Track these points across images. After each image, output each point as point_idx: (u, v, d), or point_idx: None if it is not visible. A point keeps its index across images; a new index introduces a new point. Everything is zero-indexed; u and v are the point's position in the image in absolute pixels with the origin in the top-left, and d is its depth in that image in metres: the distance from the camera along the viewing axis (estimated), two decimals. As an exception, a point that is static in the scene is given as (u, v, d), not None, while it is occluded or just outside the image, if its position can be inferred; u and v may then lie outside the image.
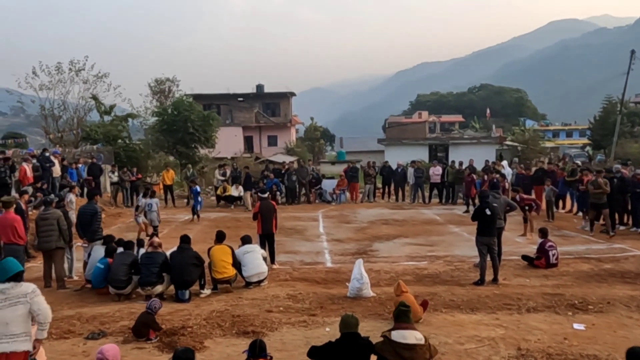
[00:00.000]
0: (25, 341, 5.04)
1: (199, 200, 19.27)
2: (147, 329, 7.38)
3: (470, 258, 12.22)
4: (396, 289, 8.28)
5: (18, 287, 5.05)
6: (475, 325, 7.77)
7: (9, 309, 4.97)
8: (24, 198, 12.99)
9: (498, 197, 11.62)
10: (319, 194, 24.12)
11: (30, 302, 5.04)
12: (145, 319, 7.47)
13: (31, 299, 5.06)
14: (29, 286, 5.13)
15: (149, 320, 7.46)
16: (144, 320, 7.46)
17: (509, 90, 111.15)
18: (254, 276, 10.17)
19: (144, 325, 7.41)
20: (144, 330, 7.38)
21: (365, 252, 13.62)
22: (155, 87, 41.59)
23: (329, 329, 7.70)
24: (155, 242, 10.23)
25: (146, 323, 7.43)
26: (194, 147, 30.50)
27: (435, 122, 73.72)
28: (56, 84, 29.60)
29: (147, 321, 7.44)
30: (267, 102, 54.65)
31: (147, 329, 7.38)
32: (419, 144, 40.10)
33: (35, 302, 5.07)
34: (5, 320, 4.94)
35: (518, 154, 38.37)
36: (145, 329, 7.38)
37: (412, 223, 18.04)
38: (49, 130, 30.10)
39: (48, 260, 10.67)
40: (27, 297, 5.05)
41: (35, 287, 5.19)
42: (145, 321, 7.45)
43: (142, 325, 7.41)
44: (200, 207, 19.38)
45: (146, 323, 7.43)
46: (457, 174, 22.03)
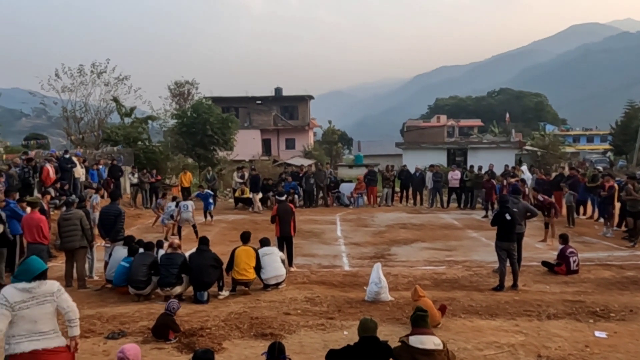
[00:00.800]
0: (55, 338, 5.10)
1: (210, 201, 19.29)
2: (167, 330, 7.43)
3: (489, 263, 12.13)
4: (413, 293, 8.24)
5: (43, 286, 5.10)
6: (494, 331, 7.70)
7: (37, 307, 5.01)
8: (46, 198, 13.18)
9: (518, 202, 11.51)
10: (337, 198, 24.12)
11: (57, 300, 5.11)
12: (165, 320, 7.52)
13: (58, 297, 5.12)
14: (53, 284, 5.19)
15: (168, 321, 7.52)
16: (163, 322, 7.52)
17: (528, 95, 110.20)
18: (272, 279, 10.20)
19: (164, 326, 7.47)
20: (164, 331, 7.43)
21: (383, 256, 13.58)
22: (174, 89, 42.05)
23: (346, 333, 7.69)
24: (174, 243, 10.31)
25: (165, 324, 7.48)
26: (212, 149, 30.72)
27: (453, 126, 73.38)
28: (78, 86, 30.13)
29: (166, 322, 7.50)
30: (285, 105, 54.80)
31: (167, 329, 7.43)
32: (437, 148, 39.87)
33: (62, 300, 5.14)
34: (34, 318, 4.99)
35: (538, 159, 38.00)
36: (164, 329, 7.43)
37: (430, 227, 17.95)
38: (70, 132, 30.54)
39: (70, 260, 10.81)
40: (54, 295, 5.11)
41: (59, 285, 5.26)
42: (165, 322, 7.51)
43: (162, 326, 7.47)
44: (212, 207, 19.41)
45: (165, 324, 7.48)
46: (476, 178, 21.89)
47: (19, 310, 4.97)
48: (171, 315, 7.57)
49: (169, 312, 7.58)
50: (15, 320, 4.98)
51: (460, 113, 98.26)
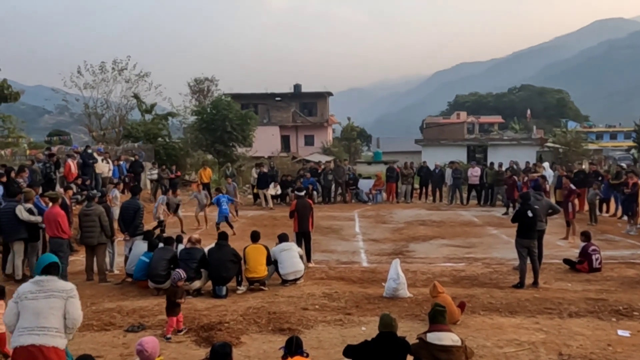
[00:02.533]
0: (56, 337, 4.88)
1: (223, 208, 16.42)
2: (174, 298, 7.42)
3: (509, 261, 11.99)
4: (432, 290, 8.18)
5: (54, 282, 5.02)
6: (514, 329, 7.61)
7: (44, 300, 4.89)
8: (69, 193, 13.33)
9: (540, 198, 11.37)
10: (355, 194, 24.07)
11: (66, 300, 4.95)
12: (172, 290, 7.60)
13: (67, 297, 4.97)
14: (68, 284, 5.12)
15: (175, 291, 7.57)
16: (170, 291, 7.61)
17: (550, 91, 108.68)
18: (291, 274, 10.21)
19: (172, 294, 7.49)
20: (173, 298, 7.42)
21: (401, 253, 13.52)
22: (194, 86, 42.30)
23: (364, 328, 7.67)
24: (193, 238, 10.38)
25: (173, 293, 7.52)
26: (231, 145, 30.84)
27: (474, 123, 72.72)
28: (100, 83, 30.49)
29: (173, 292, 7.55)
30: (304, 102, 54.78)
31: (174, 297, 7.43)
32: (457, 144, 39.56)
33: (70, 303, 4.97)
34: (38, 310, 4.86)
35: (559, 156, 37.47)
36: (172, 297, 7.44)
37: (449, 224, 17.82)
38: (92, 128, 30.93)
39: (90, 254, 10.94)
40: (64, 293, 4.98)
41: (74, 287, 5.14)
42: (172, 292, 7.56)
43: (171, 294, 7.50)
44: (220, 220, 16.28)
45: (173, 293, 7.52)
46: (497, 175, 21.66)
47: (25, 299, 4.89)
48: (175, 286, 7.64)
49: (173, 284, 7.68)
50: (21, 310, 4.88)
51: (481, 110, 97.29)
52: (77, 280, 10.71)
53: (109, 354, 6.87)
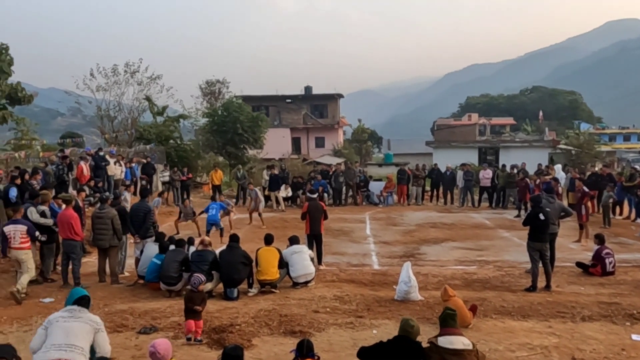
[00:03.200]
0: (81, 357, 5.03)
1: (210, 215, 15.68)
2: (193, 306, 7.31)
3: (521, 264, 11.92)
4: (443, 293, 8.15)
5: (85, 312, 5.22)
6: (527, 333, 7.57)
7: (75, 322, 5.10)
8: (81, 196, 13.45)
9: (553, 201, 11.28)
10: (366, 196, 24.04)
11: (96, 331, 5.18)
12: (191, 296, 7.45)
13: (98, 330, 5.21)
14: (97, 317, 5.31)
15: (192, 297, 7.43)
16: (188, 297, 7.46)
17: (562, 93, 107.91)
18: (302, 277, 10.21)
19: (189, 300, 7.37)
20: (190, 305, 7.32)
21: (412, 255, 13.48)
22: (206, 88, 42.50)
23: (376, 332, 7.67)
24: (205, 240, 10.44)
25: (190, 299, 7.39)
26: (242, 147, 30.91)
27: (485, 125, 72.40)
28: (112, 86, 30.64)
29: (191, 297, 7.42)
30: (315, 104, 54.87)
31: (192, 304, 7.32)
32: (468, 146, 39.41)
33: (100, 336, 5.23)
34: (68, 330, 5.04)
35: (572, 157, 37.19)
36: (190, 303, 7.33)
37: (460, 227, 17.74)
38: (104, 130, 31.11)
39: (103, 256, 11.02)
40: (95, 324, 5.20)
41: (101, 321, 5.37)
42: (190, 297, 7.43)
43: (188, 300, 7.39)
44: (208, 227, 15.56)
45: (190, 299, 7.39)
46: (508, 177, 21.55)
47: (55, 322, 5.07)
48: (196, 290, 7.54)
49: (193, 288, 7.54)
50: (51, 331, 5.05)
51: (492, 111, 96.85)
52: (90, 281, 10.81)
53: (121, 355, 6.90)
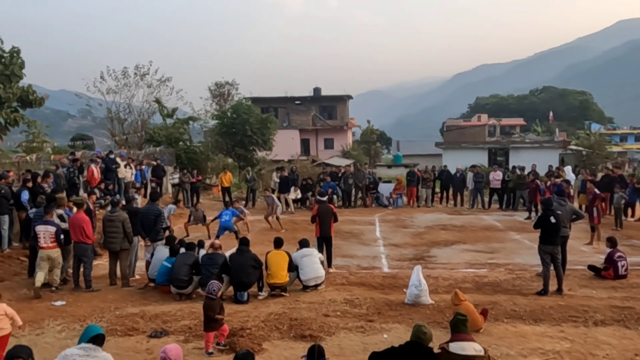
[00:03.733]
0: None
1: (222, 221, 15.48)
2: (213, 314, 7.20)
3: (533, 267, 11.84)
4: (454, 298, 8.11)
5: (99, 351, 5.26)
6: (539, 337, 7.52)
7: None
8: (92, 198, 13.51)
9: (564, 204, 11.20)
10: (376, 198, 23.99)
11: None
12: (210, 304, 7.29)
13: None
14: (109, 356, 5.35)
15: (211, 305, 7.29)
16: (206, 305, 7.30)
17: (573, 93, 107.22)
18: (311, 280, 10.20)
19: (209, 309, 7.23)
20: (211, 314, 7.19)
21: (422, 258, 13.44)
22: (215, 90, 42.65)
23: (386, 336, 7.64)
24: (215, 244, 10.45)
25: (209, 307, 7.25)
26: (252, 149, 30.99)
27: (495, 126, 72.10)
28: (122, 88, 30.82)
29: (210, 305, 7.28)
30: (324, 105, 54.87)
31: (212, 312, 7.20)
32: (478, 147, 39.19)
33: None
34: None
35: (583, 158, 36.93)
36: (210, 312, 7.20)
37: (471, 229, 17.66)
38: (114, 133, 31.28)
39: (114, 259, 11.06)
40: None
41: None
42: (209, 305, 7.28)
43: (207, 309, 7.24)
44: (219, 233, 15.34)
45: (209, 307, 7.25)
46: (519, 179, 21.43)
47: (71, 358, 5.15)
48: (214, 297, 7.44)
49: (211, 296, 7.43)
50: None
51: (502, 112, 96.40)
52: (101, 284, 10.86)
53: (132, 359, 6.93)
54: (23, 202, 12.88)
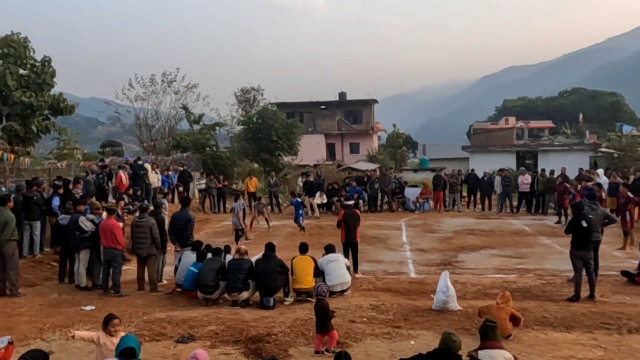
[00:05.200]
0: None
1: (300, 212, 18.34)
2: (325, 315, 7.29)
3: (563, 272, 11.60)
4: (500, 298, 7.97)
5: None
6: (570, 345, 7.35)
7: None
8: (121, 204, 13.70)
9: (595, 208, 10.96)
10: (402, 202, 23.83)
11: None
12: (320, 305, 7.40)
13: None
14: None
15: (323, 305, 7.39)
16: (319, 306, 7.40)
17: (603, 94, 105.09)
18: (337, 286, 10.15)
19: (321, 310, 7.32)
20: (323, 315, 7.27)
21: (450, 263, 13.28)
22: (241, 96, 42.97)
23: (413, 342, 7.56)
24: (241, 249, 10.48)
25: (322, 307, 7.34)
26: (277, 154, 31.10)
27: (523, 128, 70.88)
28: (150, 95, 31.32)
29: (322, 306, 7.37)
30: (349, 110, 54.82)
31: (325, 313, 7.29)
32: (505, 151, 38.71)
33: None
34: None
35: (614, 161, 36.16)
36: (322, 313, 7.29)
37: (499, 233, 17.40)
38: (142, 139, 31.76)
39: (142, 264, 11.17)
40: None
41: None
42: (320, 306, 7.38)
43: (319, 311, 7.33)
44: (302, 219, 18.34)
45: (322, 307, 7.34)
46: (548, 182, 21.06)
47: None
48: (323, 298, 7.49)
49: (321, 297, 7.50)
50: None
51: (530, 114, 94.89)
52: (129, 289, 10.99)
53: (160, 364, 6.98)
54: (54, 209, 13.11)
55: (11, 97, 21.13)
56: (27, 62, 22.30)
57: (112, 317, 6.48)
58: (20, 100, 21.18)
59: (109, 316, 6.53)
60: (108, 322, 6.38)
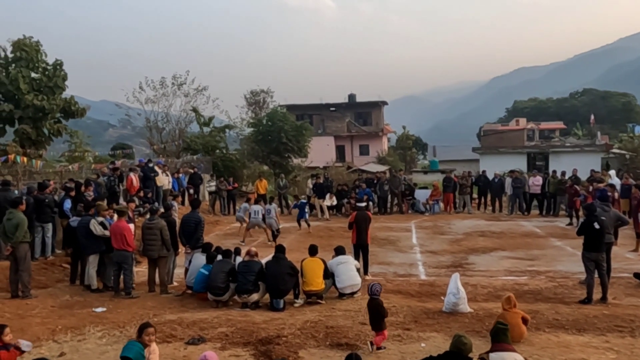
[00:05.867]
0: None
1: (305, 210, 19.17)
2: (380, 313, 7.46)
3: (575, 274, 11.52)
4: (504, 302, 7.89)
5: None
6: (582, 348, 7.28)
7: None
8: (131, 206, 13.76)
9: (607, 209, 10.87)
10: (412, 204, 23.76)
11: None
12: (375, 303, 7.57)
13: None
14: None
15: (377, 304, 7.55)
16: (373, 306, 7.57)
17: (615, 95, 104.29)
18: (347, 288, 10.14)
19: (375, 308, 7.51)
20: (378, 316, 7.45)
21: (460, 265, 13.23)
22: (250, 98, 43.08)
23: (424, 345, 7.53)
24: (251, 251, 10.49)
25: (375, 306, 7.52)
26: (287, 156, 31.11)
27: (533, 130, 70.50)
28: (160, 98, 31.44)
29: (375, 305, 7.54)
30: (358, 112, 54.83)
31: (380, 311, 7.47)
32: (516, 152, 38.51)
33: None
34: None
35: (626, 162, 35.87)
36: (377, 311, 7.47)
37: (510, 235, 17.30)
38: (153, 142, 31.91)
39: (153, 266, 11.23)
40: None
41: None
42: (374, 305, 7.55)
43: (373, 309, 7.52)
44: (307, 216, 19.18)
45: (375, 306, 7.52)
46: (559, 184, 20.92)
47: None
48: (378, 296, 7.65)
49: (375, 296, 7.65)
50: None
51: (541, 116, 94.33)
52: (140, 291, 11.04)
53: (170, 366, 7.00)
54: (65, 211, 13.21)
55: (23, 100, 21.34)
56: (39, 65, 22.51)
57: (147, 326, 6.30)
58: (33, 104, 21.38)
59: (143, 325, 6.37)
60: (142, 331, 6.20)
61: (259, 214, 16.51)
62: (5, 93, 21.73)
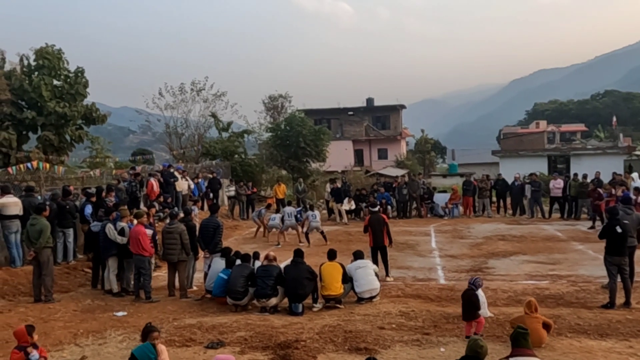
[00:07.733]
0: None
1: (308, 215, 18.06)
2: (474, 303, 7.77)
3: (597, 278, 11.34)
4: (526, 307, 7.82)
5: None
6: (605, 353, 7.17)
7: None
8: (152, 211, 13.90)
9: (630, 213, 10.69)
10: (431, 208, 23.63)
11: None
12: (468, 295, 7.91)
13: None
14: None
15: (471, 294, 7.91)
16: (467, 296, 7.90)
17: (637, 96, 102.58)
18: (366, 292, 10.12)
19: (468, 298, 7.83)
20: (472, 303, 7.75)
21: (480, 269, 13.10)
22: (269, 103, 43.28)
23: (443, 350, 7.47)
24: (270, 255, 10.53)
25: (469, 296, 7.87)
26: (305, 161, 31.18)
27: (554, 132, 69.88)
28: (179, 104, 31.79)
29: (470, 296, 7.88)
30: (377, 115, 54.71)
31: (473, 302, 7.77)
32: (537, 155, 38.08)
33: None
34: None
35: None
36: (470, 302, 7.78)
37: (531, 239, 17.10)
38: (172, 147, 32.23)
39: (172, 270, 11.32)
40: None
41: None
42: (469, 296, 7.89)
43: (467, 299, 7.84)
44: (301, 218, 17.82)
45: (469, 296, 7.87)
46: (581, 187, 20.64)
47: None
48: (474, 289, 7.96)
49: (472, 287, 7.98)
50: None
51: (562, 118, 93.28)
52: (160, 295, 11.13)
53: (190, 370, 7.04)
54: (86, 216, 13.39)
55: (46, 107, 21.71)
56: (61, 73, 22.90)
57: (151, 330, 6.20)
58: (55, 111, 21.74)
59: (147, 329, 6.28)
60: (147, 336, 6.15)
61: (292, 215, 16.71)
62: (29, 100, 22.13)
